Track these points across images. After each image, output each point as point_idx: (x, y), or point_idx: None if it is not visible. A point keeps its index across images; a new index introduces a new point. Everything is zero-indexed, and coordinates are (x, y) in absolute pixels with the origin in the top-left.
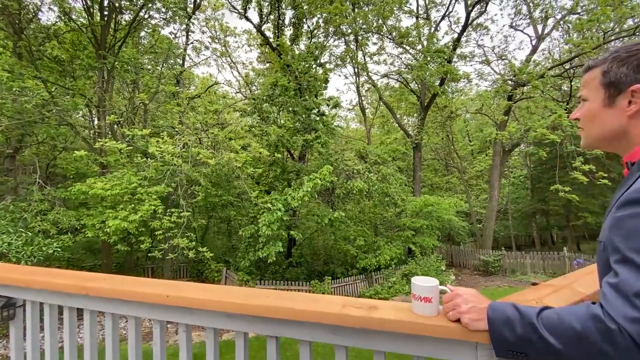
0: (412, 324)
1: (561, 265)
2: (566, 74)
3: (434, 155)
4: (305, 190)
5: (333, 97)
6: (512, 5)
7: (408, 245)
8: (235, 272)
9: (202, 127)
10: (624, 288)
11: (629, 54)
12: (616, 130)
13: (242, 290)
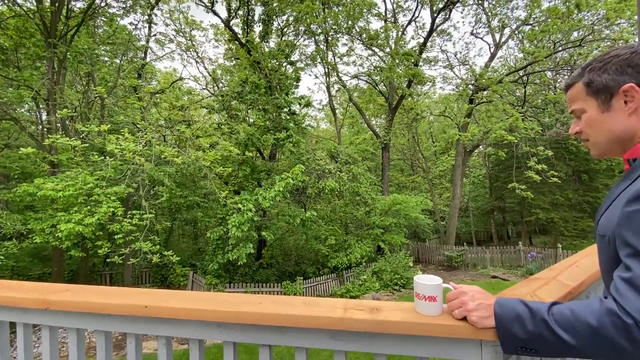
0: (418, 325)
1: (517, 258)
2: (521, 80)
3: (401, 156)
4: (277, 190)
5: (305, 96)
6: (473, 14)
7: (378, 243)
8: (203, 275)
9: (166, 124)
10: (638, 282)
11: (603, 62)
12: (621, 130)
13: (231, 297)
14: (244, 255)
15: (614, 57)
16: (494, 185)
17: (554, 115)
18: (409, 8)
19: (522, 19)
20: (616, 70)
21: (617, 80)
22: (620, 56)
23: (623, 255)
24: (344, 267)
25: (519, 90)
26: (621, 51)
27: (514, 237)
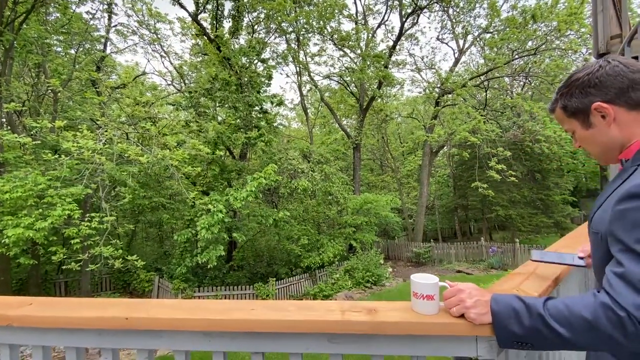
0: (417, 324)
1: (479, 253)
2: (482, 85)
3: (370, 156)
4: (248, 190)
5: (277, 95)
6: (439, 20)
7: (350, 242)
8: (170, 280)
9: (129, 121)
10: (630, 277)
11: (568, 87)
12: (609, 141)
13: (219, 304)
14: (214, 257)
15: (575, 81)
16: (457, 184)
17: (512, 118)
18: (379, 11)
19: (484, 27)
20: (580, 93)
21: (584, 102)
22: (579, 80)
23: (615, 251)
24: (317, 266)
25: (480, 94)
26: (579, 74)
27: (475, 233)
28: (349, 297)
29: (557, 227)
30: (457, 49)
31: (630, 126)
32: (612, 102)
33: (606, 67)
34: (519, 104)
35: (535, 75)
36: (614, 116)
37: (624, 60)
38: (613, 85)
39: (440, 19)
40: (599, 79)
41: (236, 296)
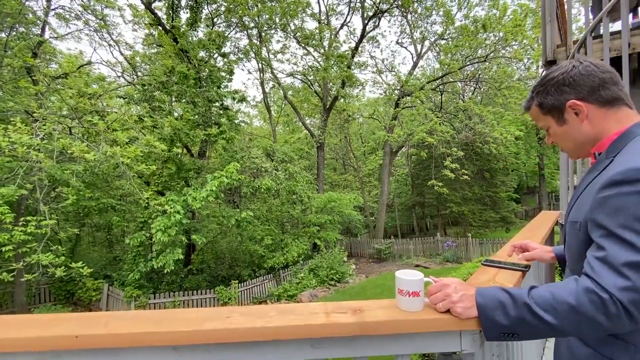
0: (404, 322)
1: (435, 247)
2: (438, 88)
3: (333, 155)
4: (209, 189)
5: (239, 91)
6: (398, 24)
7: (314, 241)
8: (121, 288)
9: (72, 114)
10: (612, 260)
11: (544, 86)
12: (582, 136)
13: (189, 313)
14: (171, 261)
15: (550, 80)
16: (415, 182)
17: (463, 121)
18: (342, 12)
19: (439, 34)
20: (555, 91)
21: (559, 100)
22: (555, 79)
23: (596, 236)
24: (281, 266)
25: (436, 97)
26: (554, 73)
27: (431, 228)
28: (313, 296)
29: (504, 222)
30: (415, 53)
31: (601, 122)
32: (585, 99)
33: (579, 67)
34: (470, 107)
35: (485, 81)
36: (587, 113)
37: (594, 61)
38: (585, 84)
39: (400, 24)
40: (573, 78)
41: (196, 301)
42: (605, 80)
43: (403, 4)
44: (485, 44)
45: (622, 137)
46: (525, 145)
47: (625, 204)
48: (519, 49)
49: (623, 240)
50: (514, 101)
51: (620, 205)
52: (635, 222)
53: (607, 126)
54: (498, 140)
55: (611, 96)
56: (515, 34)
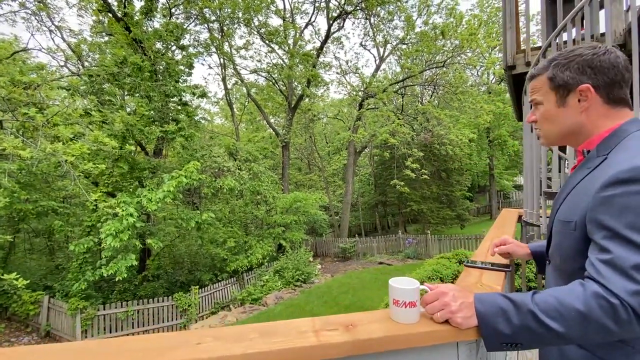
0: (403, 337)
1: (397, 245)
2: (399, 91)
3: (298, 155)
4: (166, 190)
5: (199, 86)
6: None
7: (279, 242)
8: (64, 299)
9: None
10: (620, 263)
11: (568, 59)
12: (573, 126)
13: (151, 341)
14: (123, 268)
15: (577, 56)
16: (378, 182)
17: (422, 123)
18: (306, 11)
19: (400, 38)
20: (577, 69)
21: (576, 79)
22: (583, 56)
23: (599, 237)
24: (245, 269)
25: (397, 99)
26: (584, 51)
27: (393, 226)
28: (279, 298)
29: (459, 219)
30: (377, 56)
31: (597, 118)
32: (598, 89)
33: (611, 55)
34: (429, 110)
35: (442, 85)
36: (591, 103)
37: (625, 57)
38: (608, 75)
39: (363, 26)
40: (602, 63)
41: (152, 310)
42: (625, 79)
43: (367, 7)
44: (443, 50)
45: (613, 135)
46: (477, 147)
47: (632, 204)
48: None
49: (631, 241)
50: (469, 105)
51: (626, 204)
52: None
53: (600, 124)
54: (454, 142)
55: (619, 96)
56: (470, 41)
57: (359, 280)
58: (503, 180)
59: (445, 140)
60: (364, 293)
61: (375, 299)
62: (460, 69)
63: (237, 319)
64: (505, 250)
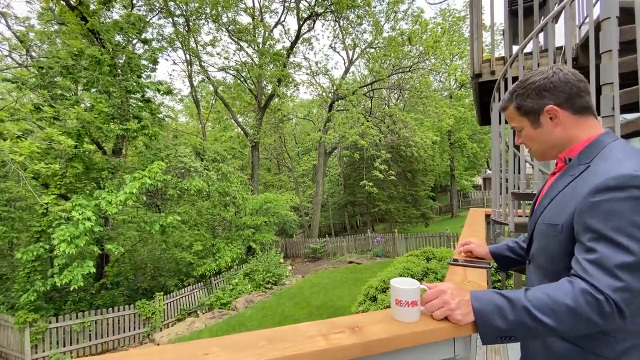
0: (407, 337)
1: (366, 244)
2: (368, 94)
3: (267, 155)
4: (128, 191)
5: (163, 82)
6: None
7: (248, 244)
8: (10, 312)
9: None
10: (605, 262)
11: (525, 89)
12: (554, 140)
13: (151, 354)
14: (79, 276)
15: (532, 84)
16: (347, 182)
17: (390, 125)
18: (276, 11)
19: (369, 42)
20: (536, 95)
21: (539, 103)
22: (536, 83)
23: (586, 239)
24: (213, 273)
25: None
26: (536, 78)
27: (361, 226)
28: (249, 302)
29: (423, 218)
30: (347, 59)
31: (572, 128)
32: (561, 105)
33: (559, 74)
34: (395, 113)
35: (407, 89)
36: (561, 119)
37: (571, 70)
38: (564, 91)
39: (333, 29)
40: (553, 84)
41: (112, 319)
42: (581, 89)
43: (337, 10)
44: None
45: (592, 145)
46: (440, 149)
47: (618, 209)
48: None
49: (615, 243)
50: (432, 109)
51: (612, 209)
52: (628, 226)
53: (577, 133)
54: (419, 144)
55: (583, 105)
56: (434, 48)
57: (329, 280)
58: (463, 181)
59: (411, 142)
60: (335, 292)
61: (346, 297)
62: (424, 74)
63: (206, 325)
64: (467, 249)
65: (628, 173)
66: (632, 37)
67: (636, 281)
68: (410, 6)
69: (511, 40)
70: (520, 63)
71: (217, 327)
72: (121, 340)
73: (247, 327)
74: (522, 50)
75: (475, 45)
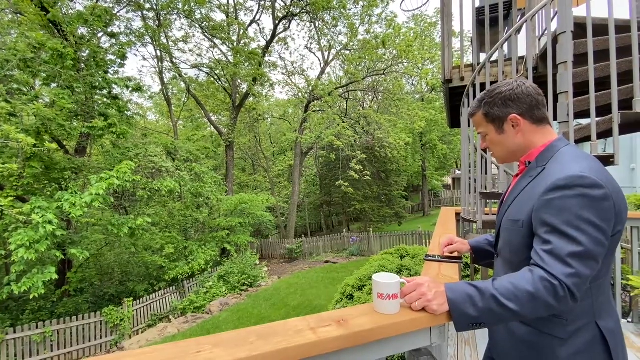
0: (389, 327)
1: (342, 243)
2: (343, 95)
3: (242, 155)
4: (94, 192)
5: (132, 78)
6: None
7: (223, 246)
8: None
9: None
10: (558, 252)
11: (492, 98)
12: (515, 146)
13: (144, 354)
14: (40, 284)
15: (499, 94)
16: (323, 182)
17: (364, 127)
18: (251, 9)
19: (344, 44)
20: (502, 104)
21: (504, 112)
22: (502, 93)
23: (542, 232)
24: (186, 276)
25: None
26: (503, 88)
27: (337, 225)
28: (224, 304)
29: (397, 217)
30: (322, 60)
31: (531, 135)
32: (523, 115)
33: (522, 87)
34: (370, 115)
35: (381, 92)
36: (522, 127)
37: (532, 84)
38: (526, 102)
39: (309, 29)
40: (517, 95)
41: (75, 328)
42: (540, 102)
43: (313, 10)
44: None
45: (547, 150)
46: (412, 150)
47: (567, 205)
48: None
49: (566, 235)
50: (405, 111)
51: (563, 206)
52: (576, 220)
53: (535, 139)
54: (392, 145)
55: (541, 116)
56: (407, 52)
57: (306, 280)
58: (434, 181)
59: (385, 143)
60: (312, 292)
61: (323, 297)
62: (398, 78)
63: (179, 329)
64: (453, 249)
65: (575, 174)
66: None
67: (584, 268)
68: (384, 10)
69: (479, 48)
70: (487, 71)
71: (191, 332)
72: (86, 350)
73: (222, 330)
74: (489, 59)
75: (446, 52)
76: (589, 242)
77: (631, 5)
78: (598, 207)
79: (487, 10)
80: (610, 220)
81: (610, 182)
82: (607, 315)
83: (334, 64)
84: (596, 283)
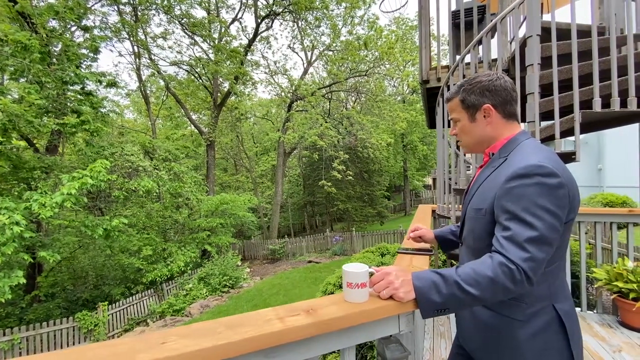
0: (357, 315)
1: (325, 243)
2: (326, 96)
3: (223, 155)
4: (66, 192)
5: (107, 73)
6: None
7: (203, 247)
8: None
9: None
10: (516, 238)
11: (472, 85)
12: (483, 136)
13: (108, 347)
14: (6, 288)
15: (478, 83)
16: (306, 183)
17: (347, 127)
18: (233, 7)
19: (327, 45)
20: (480, 92)
21: (480, 100)
22: (482, 82)
23: (503, 219)
24: (165, 279)
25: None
26: (483, 78)
27: (320, 225)
28: (204, 307)
29: (379, 216)
30: (305, 60)
31: (499, 128)
32: (496, 107)
33: (501, 80)
34: (352, 115)
35: (364, 93)
36: (493, 118)
37: (510, 80)
38: (501, 95)
39: (292, 29)
40: (495, 87)
41: (47, 335)
42: (513, 98)
43: (295, 10)
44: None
45: (510, 142)
46: (394, 150)
47: (526, 193)
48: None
49: (524, 221)
50: (387, 112)
51: (521, 193)
52: (533, 206)
53: (501, 132)
54: (375, 146)
55: (512, 111)
56: (389, 54)
57: (289, 281)
58: (415, 181)
59: (367, 143)
60: (295, 292)
61: (306, 296)
62: (380, 79)
63: None
64: (418, 234)
65: (534, 163)
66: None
67: (540, 252)
68: (367, 12)
69: (454, 50)
70: (461, 72)
71: None
72: None
73: None
74: (462, 61)
75: (424, 53)
76: (544, 228)
77: (593, 12)
78: (554, 195)
79: (462, 14)
80: (564, 207)
81: (565, 172)
82: (563, 298)
83: (316, 64)
84: (551, 267)
